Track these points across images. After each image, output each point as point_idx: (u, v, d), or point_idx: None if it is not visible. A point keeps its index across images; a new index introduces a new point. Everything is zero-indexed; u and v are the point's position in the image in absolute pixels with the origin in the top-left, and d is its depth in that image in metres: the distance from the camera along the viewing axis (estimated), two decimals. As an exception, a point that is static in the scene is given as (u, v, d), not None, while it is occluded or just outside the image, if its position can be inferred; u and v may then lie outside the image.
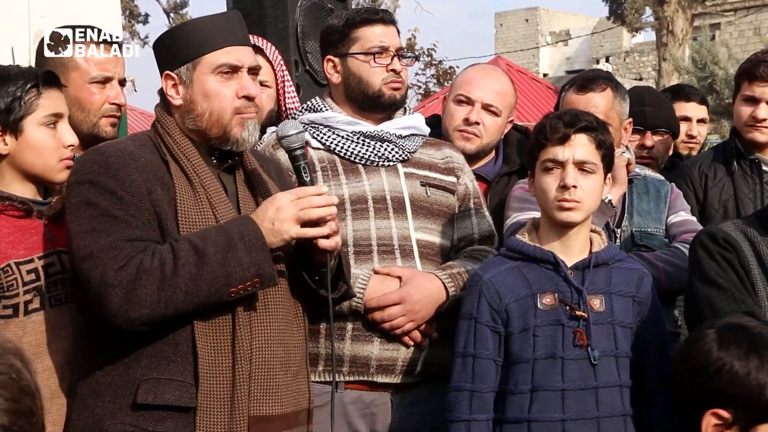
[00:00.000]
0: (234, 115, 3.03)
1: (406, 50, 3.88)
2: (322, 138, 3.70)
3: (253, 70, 3.09)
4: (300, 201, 2.94)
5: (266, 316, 2.99)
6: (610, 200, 3.81)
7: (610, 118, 4.08)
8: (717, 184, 4.29)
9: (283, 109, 4.24)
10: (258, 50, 4.12)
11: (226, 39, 3.04)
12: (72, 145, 3.17)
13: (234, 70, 3.04)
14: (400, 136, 3.74)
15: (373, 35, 3.73)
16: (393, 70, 3.71)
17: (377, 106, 3.73)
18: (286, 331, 3.05)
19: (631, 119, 4.24)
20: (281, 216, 2.90)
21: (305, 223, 2.97)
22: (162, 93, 3.11)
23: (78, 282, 2.93)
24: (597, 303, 3.32)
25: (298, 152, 3.08)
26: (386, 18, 3.77)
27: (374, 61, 3.71)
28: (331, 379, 3.53)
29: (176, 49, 3.07)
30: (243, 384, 2.91)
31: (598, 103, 4.08)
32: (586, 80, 4.15)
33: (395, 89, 3.73)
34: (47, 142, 3.13)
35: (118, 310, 2.81)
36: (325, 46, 3.87)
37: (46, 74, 3.16)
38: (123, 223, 2.87)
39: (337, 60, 3.78)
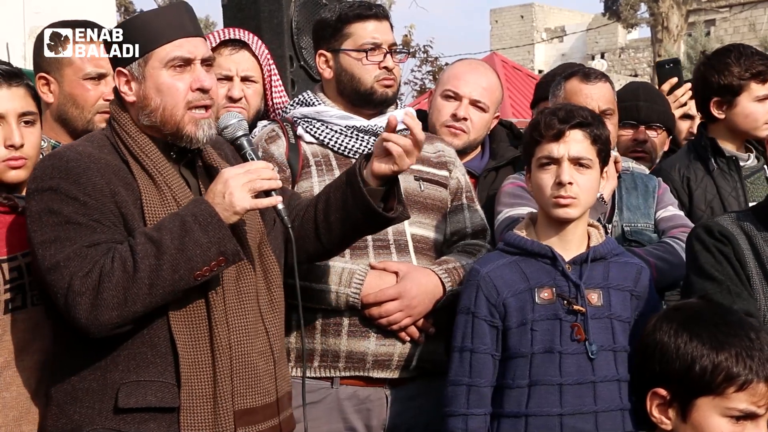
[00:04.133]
0: (186, 109, 2.98)
1: (402, 46, 3.87)
2: (315, 132, 3.69)
3: (207, 62, 3.03)
4: (248, 172, 2.90)
5: (241, 308, 2.97)
6: (601, 195, 3.81)
7: (615, 110, 4.12)
8: (699, 185, 4.29)
9: (270, 104, 4.22)
10: (244, 45, 4.11)
11: (176, 31, 2.99)
12: (13, 146, 3.10)
13: (186, 62, 2.98)
14: (393, 131, 3.74)
15: (365, 31, 3.71)
16: (385, 68, 3.69)
17: (369, 102, 3.71)
18: (264, 320, 3.04)
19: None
20: (230, 189, 2.86)
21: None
22: (116, 90, 3.06)
23: (46, 291, 2.90)
24: (595, 297, 3.32)
25: (243, 139, 3.04)
26: (379, 13, 3.75)
27: (366, 58, 3.69)
28: (327, 375, 3.53)
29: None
30: (225, 380, 2.91)
31: (605, 92, 4.11)
32: (588, 71, 4.17)
33: (387, 86, 3.71)
34: None
35: (88, 317, 2.78)
36: (317, 40, 3.85)
37: None
38: (87, 229, 2.84)
39: (329, 55, 3.77)
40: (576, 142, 3.33)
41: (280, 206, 2.99)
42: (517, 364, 3.31)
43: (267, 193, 2.94)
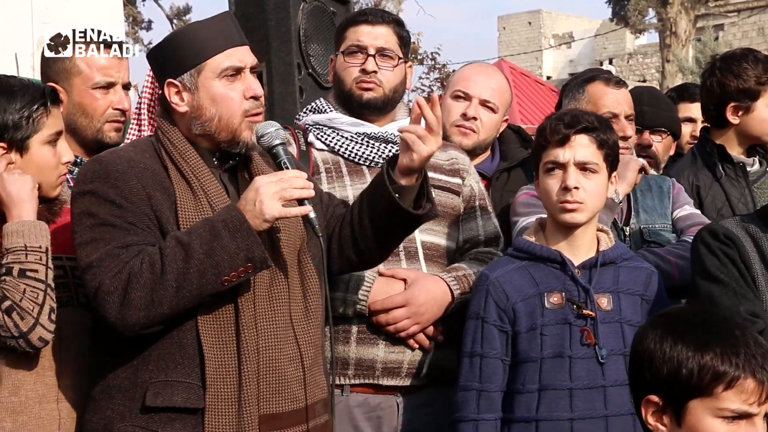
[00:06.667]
0: (243, 118, 3.04)
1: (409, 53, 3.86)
2: (326, 139, 3.70)
3: (254, 69, 3.10)
4: (280, 181, 2.93)
5: (272, 313, 2.99)
6: (616, 191, 3.79)
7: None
8: (709, 192, 4.28)
9: None
10: None
11: (226, 41, 3.06)
12: (69, 162, 3.17)
13: (237, 71, 3.05)
14: (405, 138, 3.74)
15: (354, 35, 3.73)
16: (363, 70, 3.69)
17: (350, 106, 3.72)
18: (296, 327, 3.05)
19: None
20: (261, 196, 2.89)
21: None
22: (163, 100, 3.12)
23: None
24: (604, 302, 3.33)
25: (279, 148, 3.06)
26: (371, 19, 3.75)
27: (344, 60, 3.73)
28: (338, 382, 3.53)
29: (177, 57, 3.08)
30: (250, 383, 2.92)
31: (629, 98, 4.18)
32: (609, 76, 4.22)
33: (365, 89, 3.69)
34: (50, 160, 3.13)
35: (117, 316, 2.86)
36: None
37: (53, 92, 3.16)
38: (122, 230, 2.91)
39: (334, 59, 3.82)
40: (582, 147, 3.34)
41: (312, 215, 3.01)
42: (527, 368, 3.31)
43: (300, 202, 2.97)
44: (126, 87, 3.68)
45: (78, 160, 3.60)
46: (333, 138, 3.70)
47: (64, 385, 3.09)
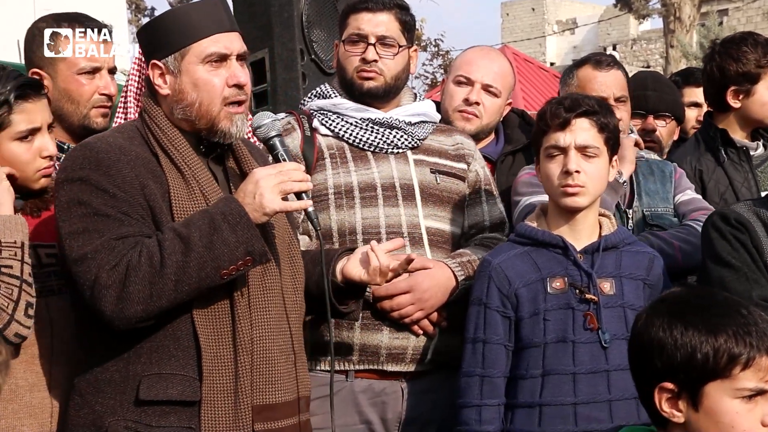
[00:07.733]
0: (223, 105, 2.99)
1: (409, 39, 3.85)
2: (330, 125, 3.69)
3: (242, 57, 3.04)
4: (279, 174, 2.90)
5: (265, 305, 2.98)
6: (620, 172, 3.79)
7: (629, 97, 4.17)
8: (712, 177, 4.27)
9: None
10: None
11: (214, 26, 3.00)
12: (51, 156, 3.12)
13: (223, 58, 2.99)
14: (410, 123, 3.73)
15: (355, 22, 3.72)
16: (363, 59, 3.69)
17: (353, 94, 3.72)
18: (288, 319, 3.04)
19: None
20: (260, 189, 2.87)
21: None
22: (149, 82, 3.07)
23: (72, 281, 2.90)
24: (607, 286, 3.33)
25: (276, 140, 3.05)
26: (372, 6, 3.72)
27: (345, 49, 3.73)
28: (341, 368, 3.54)
29: (163, 38, 3.02)
30: (245, 375, 2.91)
31: (619, 80, 4.17)
32: (600, 59, 4.22)
33: (366, 78, 3.69)
34: (22, 156, 3.08)
35: (114, 310, 2.79)
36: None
37: (20, 87, 3.08)
38: (116, 221, 2.84)
39: (338, 45, 3.82)
40: (582, 131, 3.34)
41: (311, 209, 3.00)
42: (531, 354, 3.32)
43: (299, 196, 2.96)
44: (112, 71, 3.65)
45: (65, 147, 3.55)
46: (337, 124, 3.69)
47: (56, 373, 3.07)
